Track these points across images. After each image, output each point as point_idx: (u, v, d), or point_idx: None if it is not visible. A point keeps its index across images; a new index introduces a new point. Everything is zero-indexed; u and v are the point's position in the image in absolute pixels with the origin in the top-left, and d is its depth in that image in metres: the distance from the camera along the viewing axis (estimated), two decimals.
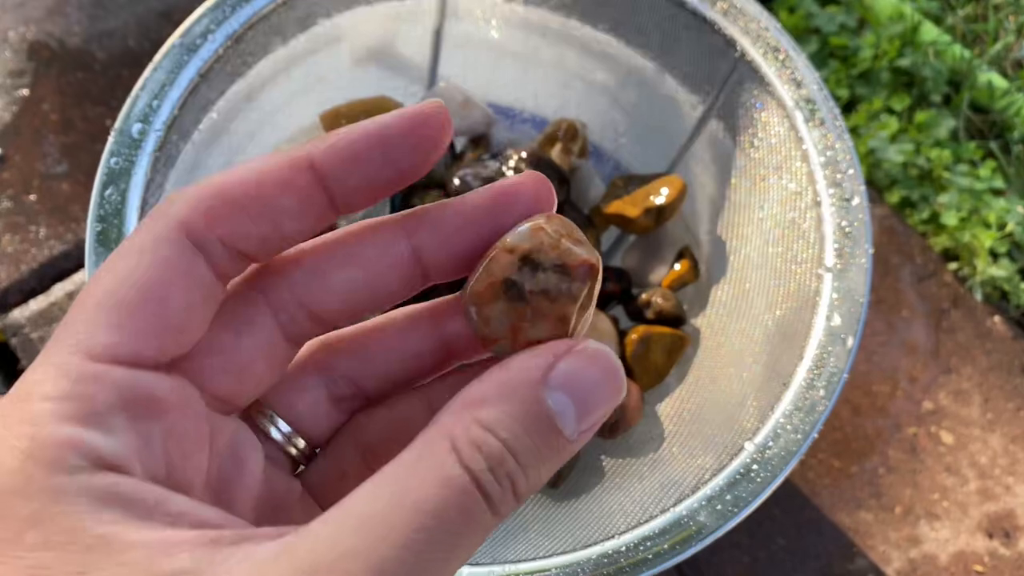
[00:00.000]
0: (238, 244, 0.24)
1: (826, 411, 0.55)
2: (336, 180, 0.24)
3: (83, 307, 0.23)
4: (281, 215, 0.24)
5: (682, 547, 0.52)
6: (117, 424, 0.22)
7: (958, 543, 0.82)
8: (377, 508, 0.21)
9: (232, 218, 0.24)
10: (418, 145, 0.25)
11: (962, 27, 1.10)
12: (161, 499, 0.21)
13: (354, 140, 0.24)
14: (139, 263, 0.23)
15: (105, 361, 0.22)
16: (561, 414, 0.23)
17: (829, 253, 0.59)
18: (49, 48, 0.96)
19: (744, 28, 0.65)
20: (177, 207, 0.24)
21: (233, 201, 0.24)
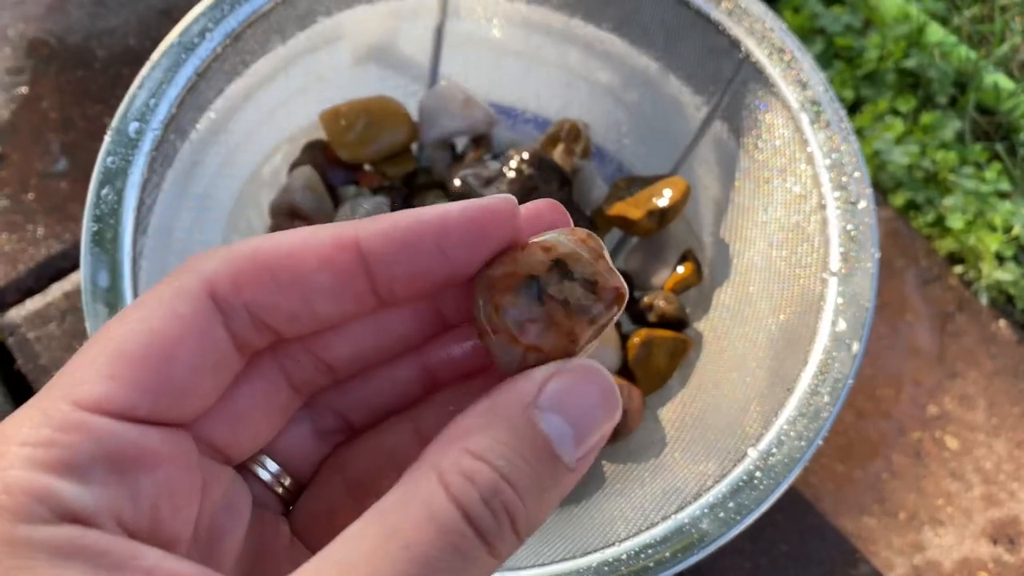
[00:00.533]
0: (264, 315, 0.23)
1: (831, 418, 0.54)
2: (381, 265, 0.23)
3: (86, 354, 0.22)
4: (315, 292, 0.23)
5: (684, 555, 0.52)
6: (95, 476, 0.20)
7: (962, 549, 0.82)
8: (360, 554, 0.19)
9: (261, 285, 0.22)
10: (477, 242, 0.23)
11: (968, 28, 1.09)
12: (130, 554, 0.20)
13: (408, 226, 0.23)
14: (152, 315, 0.22)
15: (92, 411, 0.21)
16: (557, 437, 0.21)
17: (834, 257, 0.59)
18: (49, 45, 0.96)
19: (749, 28, 0.65)
20: (208, 264, 0.22)
21: (266, 267, 0.22)
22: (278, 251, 0.22)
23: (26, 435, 0.20)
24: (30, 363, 0.82)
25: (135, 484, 0.21)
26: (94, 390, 0.21)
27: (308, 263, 0.22)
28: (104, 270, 0.55)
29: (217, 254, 0.23)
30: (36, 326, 0.83)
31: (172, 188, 0.62)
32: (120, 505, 0.21)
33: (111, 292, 0.55)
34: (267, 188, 0.72)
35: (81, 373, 0.21)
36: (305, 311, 0.23)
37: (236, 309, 0.22)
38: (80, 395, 0.21)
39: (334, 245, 0.22)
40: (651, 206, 0.68)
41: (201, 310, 0.22)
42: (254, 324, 0.23)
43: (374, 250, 0.22)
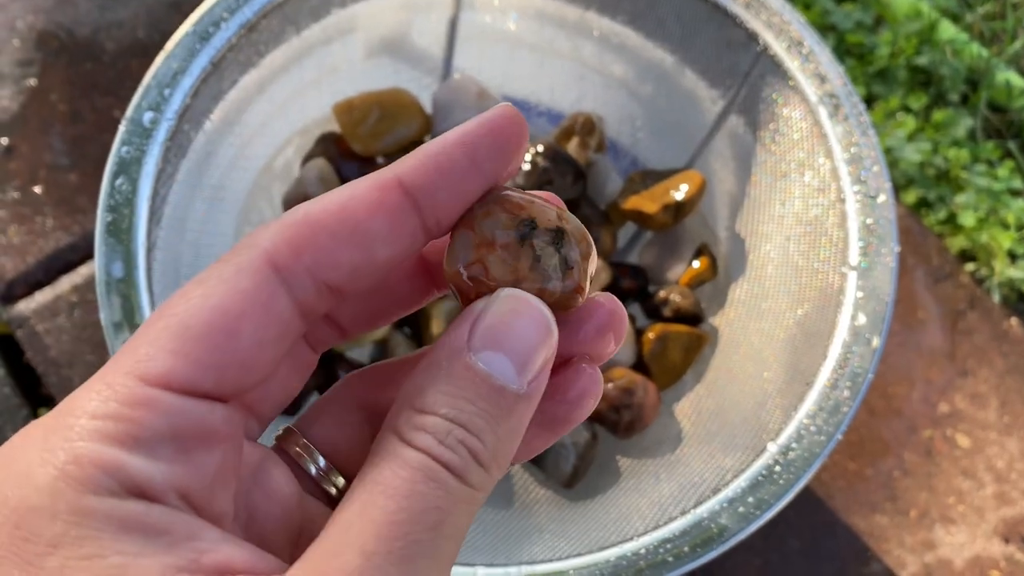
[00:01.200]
0: (327, 275, 0.23)
1: (851, 412, 0.54)
2: (427, 195, 0.23)
3: (149, 330, 0.22)
4: (372, 239, 0.23)
5: (703, 549, 0.52)
6: (162, 452, 0.21)
7: (974, 548, 0.81)
8: (355, 513, 0.21)
9: (320, 245, 0.22)
10: (502, 147, 0.24)
11: (980, 25, 1.09)
12: (193, 532, 0.20)
13: (438, 152, 0.23)
14: (215, 291, 0.22)
15: (158, 386, 0.21)
16: (497, 371, 0.22)
17: (854, 251, 0.58)
18: (58, 38, 0.95)
19: (767, 22, 0.64)
20: (265, 235, 0.23)
21: (321, 226, 0.22)
22: (329, 209, 0.23)
23: (95, 408, 0.21)
24: (39, 356, 0.81)
25: (200, 461, 0.21)
26: (160, 366, 0.21)
27: (360, 212, 0.23)
28: (119, 260, 0.55)
29: (271, 226, 0.23)
30: (45, 319, 0.83)
31: (186, 179, 0.61)
32: (186, 482, 0.21)
33: (125, 282, 0.55)
34: (279, 180, 0.72)
35: (146, 349, 0.21)
36: (366, 260, 0.23)
37: (298, 275, 0.22)
38: (146, 370, 0.21)
39: (379, 188, 0.23)
40: (667, 200, 0.67)
41: (263, 283, 0.22)
42: (316, 287, 0.23)
43: (416, 182, 0.23)
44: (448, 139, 0.23)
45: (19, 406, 0.80)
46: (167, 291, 0.57)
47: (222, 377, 0.22)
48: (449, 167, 0.23)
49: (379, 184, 0.23)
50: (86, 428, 0.20)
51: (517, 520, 0.61)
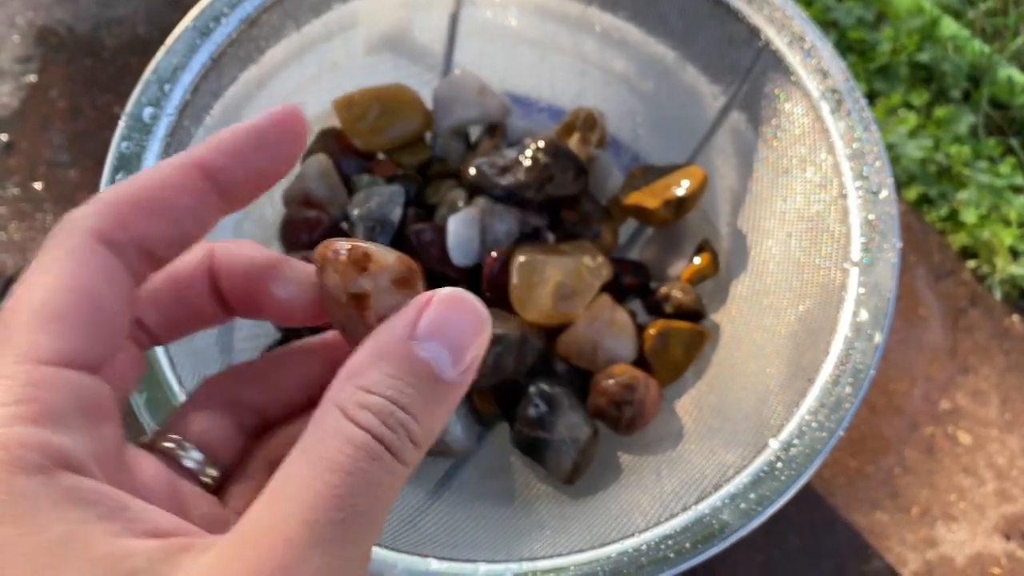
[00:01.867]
0: (150, 245, 0.26)
1: (853, 408, 0.54)
2: (223, 174, 0.26)
3: (15, 320, 0.23)
4: (183, 214, 0.26)
5: (705, 546, 0.51)
6: (75, 425, 0.22)
7: (975, 545, 0.81)
8: (298, 484, 0.22)
9: (142, 222, 0.25)
10: (283, 138, 0.27)
11: (982, 22, 1.08)
12: (120, 501, 0.22)
13: (233, 138, 0.26)
14: (63, 272, 0.24)
15: (54, 364, 0.23)
16: (436, 360, 0.25)
17: (855, 247, 0.58)
18: (57, 34, 0.95)
19: (769, 17, 0.64)
20: (84, 218, 0.25)
21: (141, 206, 0.25)
22: (144, 190, 0.26)
23: (1, 397, 0.22)
24: None
25: (101, 433, 0.23)
26: (49, 345, 0.23)
27: (172, 193, 0.26)
28: None
29: (86, 209, 0.25)
30: None
31: None
32: (97, 451, 0.23)
33: None
34: None
35: (25, 336, 0.23)
36: (179, 233, 0.26)
37: (127, 247, 0.25)
38: (37, 353, 0.23)
39: (185, 170, 0.26)
40: (668, 196, 0.67)
41: (102, 257, 0.24)
42: (141, 256, 0.26)
43: (215, 164, 0.26)
44: (241, 127, 0.27)
45: None
46: None
47: (103, 345, 0.24)
48: (241, 152, 0.26)
49: (184, 166, 0.26)
50: (2, 416, 0.21)
51: (518, 517, 0.61)
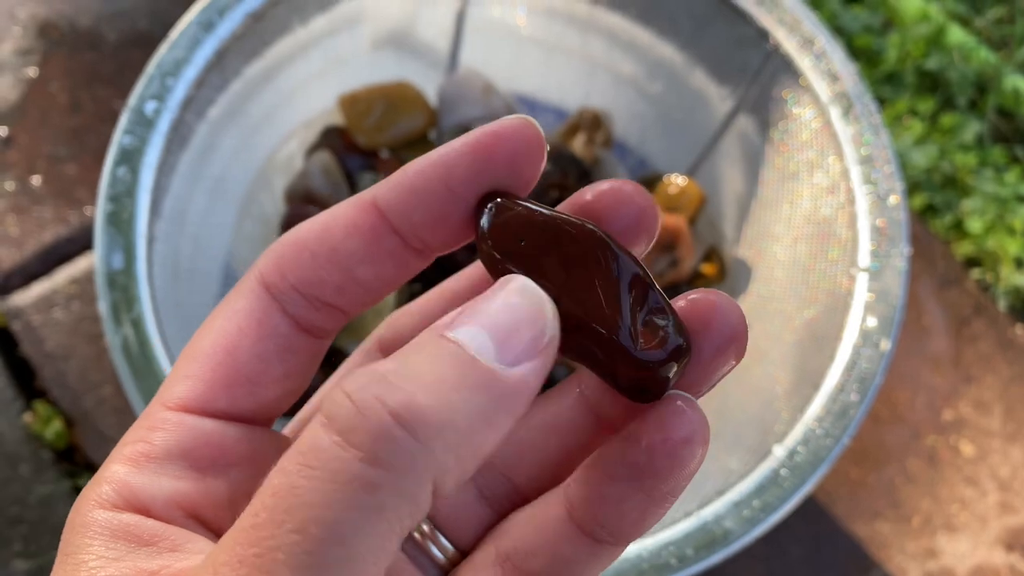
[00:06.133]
0: (315, 291, 0.23)
1: (859, 416, 0.53)
2: (400, 217, 0.22)
3: (178, 362, 0.24)
4: (349, 258, 0.23)
5: (707, 552, 0.51)
6: (170, 469, 0.22)
7: (976, 556, 0.81)
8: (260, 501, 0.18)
9: (302, 265, 0.23)
10: (482, 169, 0.22)
11: (989, 30, 1.08)
12: (177, 544, 0.21)
13: (416, 171, 0.22)
14: (220, 316, 0.23)
15: (176, 409, 0.22)
16: (469, 341, 0.19)
17: (864, 253, 0.58)
18: (59, 28, 0.94)
19: (779, 19, 0.63)
20: (260, 258, 0.23)
21: (302, 247, 0.23)
22: (311, 230, 0.23)
23: (129, 436, 0.23)
24: (34, 348, 0.80)
25: (209, 478, 0.22)
26: (179, 391, 0.23)
27: (336, 233, 0.23)
28: (119, 251, 0.54)
29: (268, 248, 0.24)
30: (41, 311, 0.82)
31: (188, 170, 0.60)
32: (194, 498, 0.22)
33: (125, 274, 0.54)
34: (281, 173, 0.71)
35: (171, 379, 0.23)
36: (347, 279, 0.23)
37: (287, 293, 0.23)
38: (168, 397, 0.23)
39: (356, 209, 0.23)
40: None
41: (256, 302, 0.23)
42: (310, 303, 0.23)
43: (389, 204, 0.22)
44: (430, 159, 0.22)
45: (13, 399, 0.79)
46: (166, 283, 0.57)
47: (233, 395, 0.23)
48: (422, 189, 0.22)
49: (356, 204, 0.23)
50: (118, 454, 0.22)
51: None
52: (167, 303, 0.56)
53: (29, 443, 0.77)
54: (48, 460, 0.77)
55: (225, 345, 0.23)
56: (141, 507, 0.21)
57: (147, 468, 0.22)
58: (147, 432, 0.22)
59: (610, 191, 0.23)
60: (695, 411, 0.22)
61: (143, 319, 0.53)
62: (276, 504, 0.17)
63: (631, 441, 0.22)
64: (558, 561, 0.23)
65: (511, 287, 0.20)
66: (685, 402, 0.22)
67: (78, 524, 0.21)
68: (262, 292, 0.23)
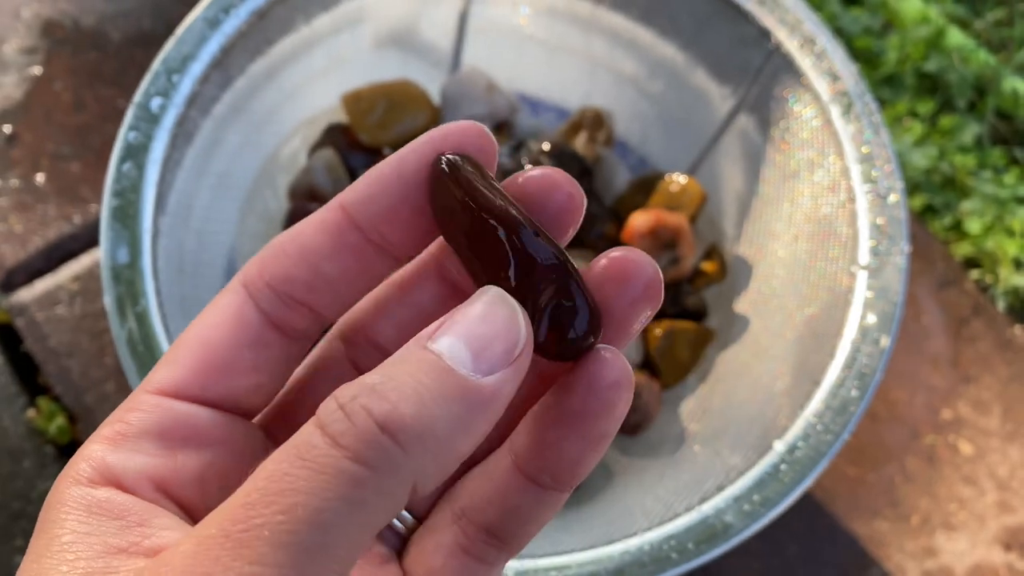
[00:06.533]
0: (287, 288, 0.25)
1: (858, 412, 0.54)
2: (359, 210, 0.24)
3: (166, 352, 0.25)
4: (316, 255, 0.25)
5: (708, 546, 0.51)
6: (143, 446, 0.23)
7: (975, 555, 0.81)
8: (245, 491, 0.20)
9: (276, 262, 0.25)
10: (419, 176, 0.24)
11: (988, 32, 1.09)
12: (145, 519, 0.22)
13: (374, 168, 0.24)
14: (205, 311, 0.25)
15: (155, 393, 0.24)
16: (448, 352, 0.21)
17: (864, 251, 0.58)
18: (63, 27, 0.95)
19: (780, 19, 0.64)
20: (248, 262, 0.26)
21: (279, 246, 0.25)
22: (288, 232, 0.25)
23: (109, 418, 0.24)
24: (38, 344, 0.81)
25: (180, 456, 0.24)
26: (159, 376, 0.24)
27: (307, 232, 0.25)
28: (124, 246, 0.55)
29: None
30: (45, 308, 0.82)
31: (192, 166, 0.61)
32: (163, 474, 0.23)
33: (130, 268, 0.54)
34: (284, 170, 0.71)
35: (156, 366, 0.25)
36: (314, 275, 0.25)
37: (262, 290, 0.25)
38: (149, 382, 0.24)
39: (325, 210, 0.25)
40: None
41: (235, 298, 0.25)
42: (282, 300, 0.25)
43: (351, 200, 0.24)
44: (387, 161, 0.24)
45: (16, 395, 0.79)
46: (171, 278, 0.57)
47: (206, 381, 0.24)
48: (381, 190, 0.24)
49: (327, 207, 0.25)
50: (96, 434, 0.23)
51: None
52: (172, 297, 0.56)
53: (32, 439, 0.78)
54: (51, 456, 0.77)
55: (204, 336, 0.25)
56: (114, 480, 0.23)
57: (123, 446, 0.23)
58: (125, 413, 0.24)
59: (541, 177, 0.25)
60: (619, 359, 0.23)
61: (148, 313, 0.53)
62: (268, 487, 0.19)
63: (565, 390, 0.24)
64: (509, 510, 0.24)
65: (487, 298, 0.22)
66: (610, 352, 0.23)
67: (54, 501, 0.22)
68: (241, 289, 0.25)
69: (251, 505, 0.19)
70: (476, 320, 0.22)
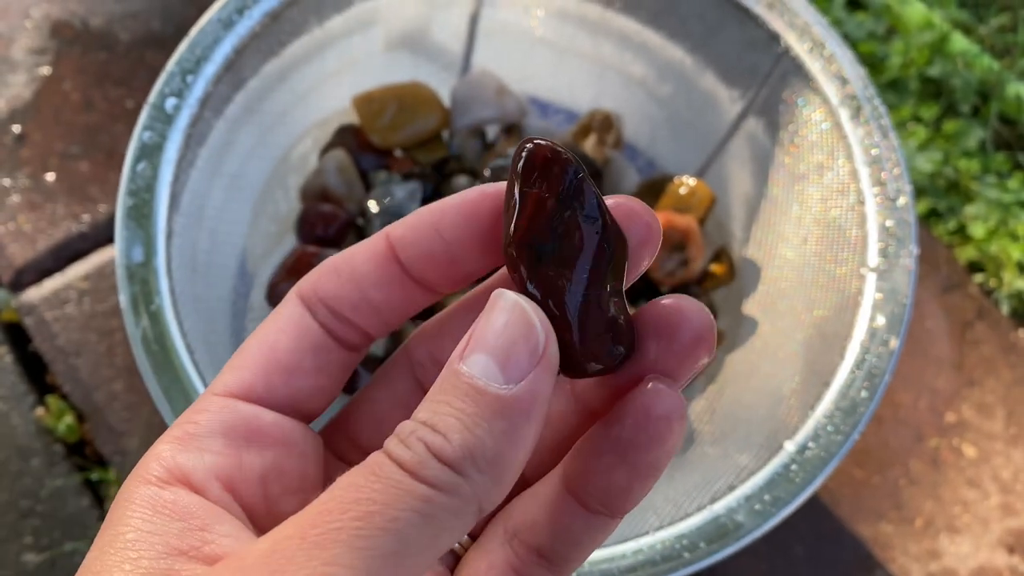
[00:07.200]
0: (336, 305, 0.26)
1: (868, 412, 0.54)
2: (401, 249, 0.26)
3: (229, 359, 0.27)
4: (364, 281, 0.26)
5: (718, 545, 0.51)
6: (210, 445, 0.25)
7: (978, 558, 0.81)
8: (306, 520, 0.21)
9: (329, 281, 0.26)
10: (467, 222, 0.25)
11: (992, 38, 1.09)
12: (206, 523, 0.23)
13: (416, 213, 0.26)
14: (265, 323, 0.27)
15: (220, 395, 0.26)
16: (480, 371, 0.22)
17: (872, 253, 0.58)
18: (72, 27, 0.95)
19: (789, 22, 0.64)
20: (301, 279, 0.27)
21: (332, 266, 0.26)
22: (342, 254, 0.27)
23: (179, 420, 0.25)
24: (47, 343, 0.81)
25: (244, 455, 0.25)
26: (223, 379, 0.26)
27: (358, 257, 0.26)
28: (139, 245, 0.55)
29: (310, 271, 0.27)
30: (54, 307, 0.82)
31: (205, 166, 0.61)
32: (228, 472, 0.24)
33: (145, 267, 0.55)
34: (296, 171, 0.71)
35: (221, 373, 0.26)
36: (361, 298, 0.26)
37: (316, 304, 0.26)
38: (215, 386, 0.26)
39: (376, 239, 0.26)
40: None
41: (294, 308, 0.27)
42: (335, 316, 0.26)
43: (395, 237, 0.26)
44: (431, 205, 0.26)
45: (25, 393, 0.80)
46: (184, 277, 0.57)
47: (271, 382, 0.26)
48: (417, 230, 0.26)
49: (377, 236, 0.26)
50: (167, 435, 0.25)
51: None
52: (185, 296, 0.56)
53: (41, 437, 0.78)
54: (60, 454, 0.78)
55: (267, 342, 0.26)
56: (183, 478, 0.24)
57: (191, 445, 0.24)
58: (193, 414, 0.25)
59: (617, 206, 0.25)
60: (672, 392, 0.24)
61: (163, 311, 0.54)
62: (345, 496, 0.21)
63: (617, 420, 0.24)
64: (560, 532, 0.25)
65: (500, 306, 0.23)
66: (664, 384, 0.24)
67: (123, 500, 0.23)
68: (298, 301, 0.27)
69: (329, 511, 0.20)
70: (497, 332, 0.23)
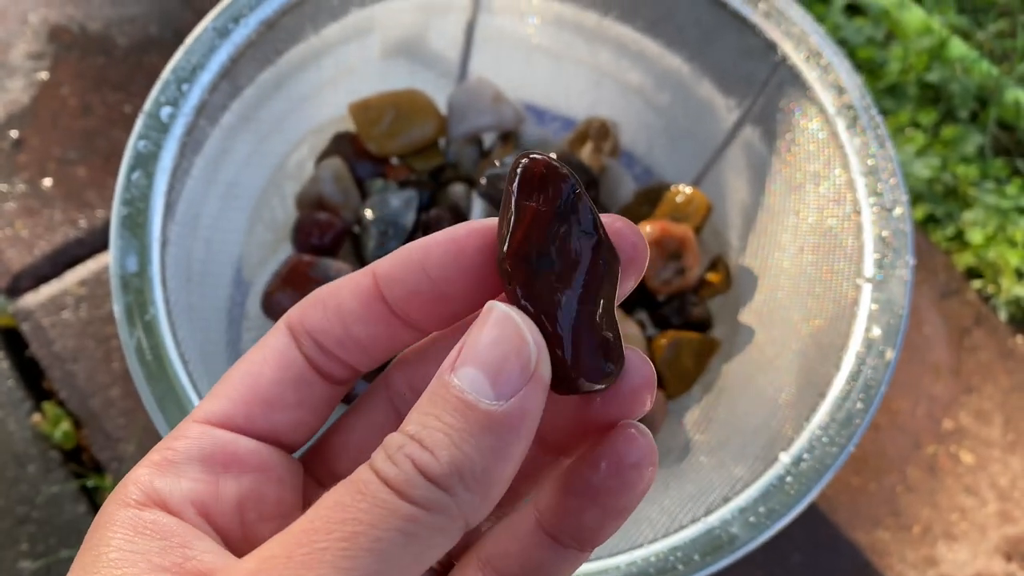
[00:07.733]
0: (320, 339, 0.26)
1: (864, 424, 0.54)
2: (386, 287, 0.25)
3: (214, 386, 0.27)
4: (348, 315, 0.26)
5: (713, 558, 0.51)
6: (188, 471, 0.25)
7: (976, 565, 0.81)
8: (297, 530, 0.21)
9: (316, 314, 0.26)
10: (452, 266, 0.25)
11: (990, 43, 1.09)
12: (187, 541, 0.23)
13: (404, 250, 0.25)
14: (253, 349, 0.27)
15: (200, 422, 0.26)
16: (469, 385, 0.22)
17: (868, 263, 0.58)
18: (70, 32, 0.95)
19: (786, 31, 0.64)
20: (292, 308, 0.27)
21: (319, 299, 0.26)
22: (330, 287, 0.26)
23: (158, 445, 0.25)
24: (43, 349, 0.81)
25: (221, 481, 0.25)
26: (204, 406, 0.26)
27: (344, 292, 0.26)
28: (133, 254, 0.55)
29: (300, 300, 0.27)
30: (50, 312, 0.82)
31: (201, 174, 0.61)
32: (204, 498, 0.25)
33: (139, 277, 0.54)
34: (291, 179, 0.71)
35: (204, 399, 0.26)
36: (345, 333, 0.26)
37: (303, 336, 0.26)
38: (195, 412, 0.26)
39: (361, 275, 0.26)
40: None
41: (281, 339, 0.26)
42: (320, 349, 0.26)
43: (381, 274, 0.25)
44: (417, 243, 0.25)
45: (22, 399, 0.80)
46: (179, 287, 0.57)
47: (251, 412, 0.26)
48: (403, 268, 0.25)
49: (363, 271, 0.26)
50: (145, 459, 0.25)
51: None
52: (180, 306, 0.56)
53: (37, 443, 0.78)
54: (56, 460, 0.77)
55: (251, 372, 0.26)
56: (161, 502, 0.24)
57: (168, 471, 0.25)
58: (172, 441, 0.25)
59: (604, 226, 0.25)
60: (645, 438, 0.24)
61: (157, 321, 0.54)
62: (331, 516, 0.21)
63: (590, 463, 0.25)
64: (531, 563, 0.25)
65: (493, 319, 0.23)
66: (637, 430, 0.25)
67: (103, 522, 0.24)
68: (286, 331, 0.26)
69: (315, 531, 0.21)
70: (488, 345, 0.22)
